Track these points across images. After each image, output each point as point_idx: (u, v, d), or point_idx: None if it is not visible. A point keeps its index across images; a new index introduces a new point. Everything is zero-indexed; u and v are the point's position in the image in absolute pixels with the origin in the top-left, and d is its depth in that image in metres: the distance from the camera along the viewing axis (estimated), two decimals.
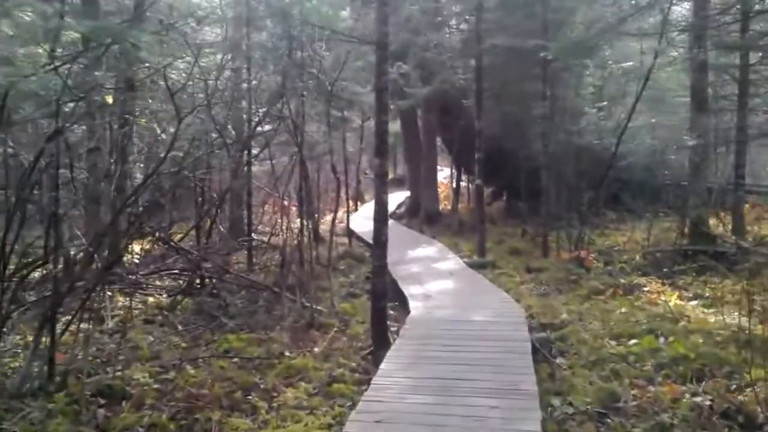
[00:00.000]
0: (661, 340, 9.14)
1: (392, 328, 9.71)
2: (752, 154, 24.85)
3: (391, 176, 41.82)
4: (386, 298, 9.19)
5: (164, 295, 12.24)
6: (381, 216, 8.98)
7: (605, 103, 19.56)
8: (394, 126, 30.36)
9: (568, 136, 17.01)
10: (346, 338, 10.00)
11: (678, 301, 11.50)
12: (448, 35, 19.85)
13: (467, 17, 19.11)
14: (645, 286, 12.79)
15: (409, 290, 11.43)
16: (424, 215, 22.28)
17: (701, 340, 8.80)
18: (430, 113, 21.85)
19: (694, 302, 11.52)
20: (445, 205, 28.24)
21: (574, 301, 11.79)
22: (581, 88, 19.80)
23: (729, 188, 22.90)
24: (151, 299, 12.05)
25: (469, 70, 18.97)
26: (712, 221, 21.61)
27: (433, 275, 13.07)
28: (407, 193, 28.67)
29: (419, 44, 18.54)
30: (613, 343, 9.21)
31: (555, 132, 17.06)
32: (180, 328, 10.38)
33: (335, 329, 10.37)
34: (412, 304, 10.55)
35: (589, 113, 18.41)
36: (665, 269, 13.80)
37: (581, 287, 12.84)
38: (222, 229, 16.50)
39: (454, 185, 27.02)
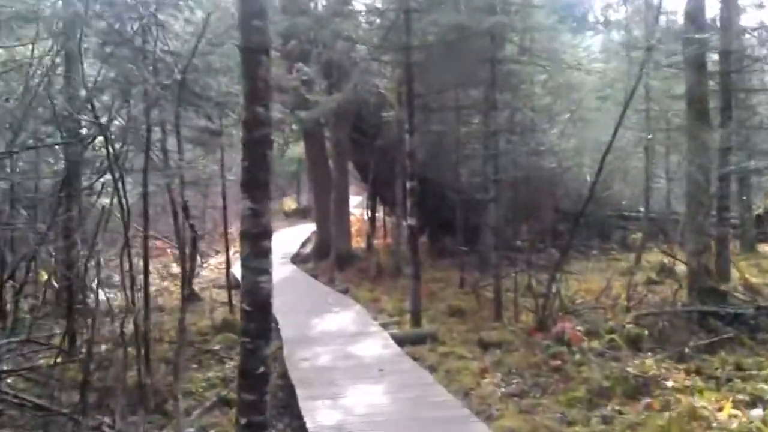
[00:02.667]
0: None
1: None
2: None
3: (294, 206, 37.07)
4: None
5: None
6: (256, 323, 4.54)
7: (568, 115, 15.63)
8: (297, 148, 25.82)
9: (526, 159, 12.92)
10: None
11: (732, 410, 7.43)
12: (363, 25, 15.43)
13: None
14: (664, 378, 8.68)
15: (314, 417, 6.70)
16: (334, 257, 17.71)
17: None
18: (340, 131, 17.43)
19: (759, 411, 7.46)
20: (357, 242, 23.74)
21: (579, 417, 7.48)
22: (534, 98, 15.76)
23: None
24: None
25: (390, 74, 14.74)
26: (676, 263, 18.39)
27: (352, 373, 8.32)
28: (313, 227, 23.91)
29: (324, 39, 14.11)
30: None
31: (507, 154, 12.96)
32: None
33: None
34: None
35: (542, 130, 14.48)
36: (675, 345, 9.82)
37: (573, 381, 8.60)
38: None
39: (368, 216, 22.66)
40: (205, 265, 21.01)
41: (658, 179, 20.41)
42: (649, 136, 18.20)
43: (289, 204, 38.45)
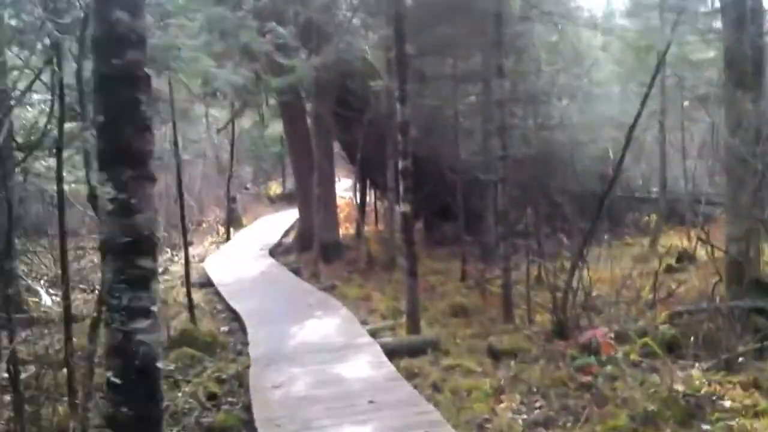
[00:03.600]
0: None
1: None
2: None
3: (279, 191, 35.04)
4: None
5: None
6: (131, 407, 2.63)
7: (580, 83, 13.73)
8: (280, 126, 23.86)
9: (535, 134, 11.08)
10: None
11: None
12: None
13: None
14: (719, 396, 6.95)
15: None
16: (319, 248, 15.84)
17: None
18: (322, 105, 15.50)
19: None
20: (346, 229, 21.88)
21: None
22: (542, 63, 13.79)
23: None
24: None
25: (377, 38, 12.85)
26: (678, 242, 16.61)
27: (334, 408, 6.28)
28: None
29: None
30: None
31: (515, 128, 11.13)
32: None
33: None
34: None
35: (551, 101, 12.62)
36: (719, 349, 8.06)
37: (610, 403, 6.85)
38: None
39: (358, 201, 20.76)
40: (176, 259, 19.08)
41: (673, 156, 18.59)
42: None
43: (275, 188, 36.50)
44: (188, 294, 10.48)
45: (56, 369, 7.15)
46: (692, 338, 8.46)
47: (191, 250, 21.02)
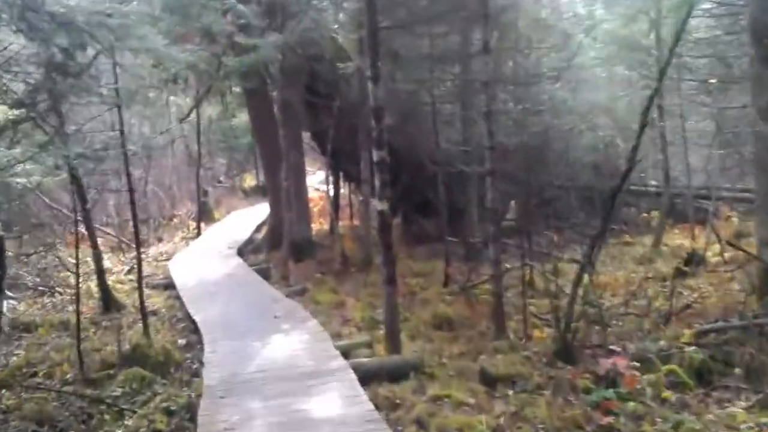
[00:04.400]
0: None
1: None
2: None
3: (253, 183, 33.44)
4: None
5: None
6: None
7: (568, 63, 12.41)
8: (246, 117, 22.36)
9: (523, 120, 9.79)
10: None
11: None
12: None
13: None
14: None
15: None
16: (289, 246, 14.46)
17: None
18: (289, 91, 14.06)
19: None
20: (320, 224, 20.49)
21: None
22: (522, 41, 12.36)
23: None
24: None
25: (349, 11, 11.48)
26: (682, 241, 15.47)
27: None
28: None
29: None
30: None
31: (504, 113, 9.84)
32: None
33: None
34: None
35: (540, 82, 11.33)
36: (757, 376, 6.85)
37: None
38: None
39: (331, 194, 19.38)
40: (143, 256, 17.59)
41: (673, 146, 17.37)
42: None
43: (249, 181, 34.94)
44: (141, 304, 9.05)
45: None
46: (728, 364, 7.25)
47: (160, 246, 19.67)
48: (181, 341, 9.13)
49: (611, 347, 8.09)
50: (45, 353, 8.50)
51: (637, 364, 6.73)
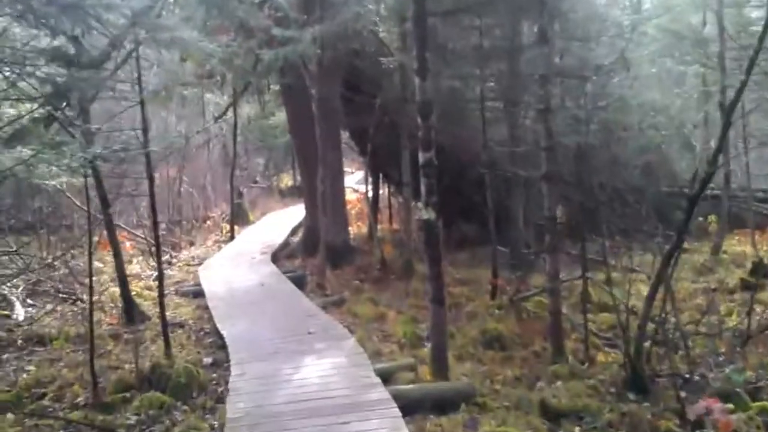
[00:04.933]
0: None
1: None
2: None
3: (290, 184, 32.82)
4: None
5: None
6: None
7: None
8: (281, 115, 21.69)
9: (586, 117, 8.82)
10: None
11: None
12: None
13: None
14: None
15: None
16: (325, 252, 13.72)
17: None
18: (327, 87, 13.30)
19: None
20: (358, 228, 19.71)
21: None
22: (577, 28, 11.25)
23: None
24: None
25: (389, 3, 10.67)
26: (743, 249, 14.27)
27: None
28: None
29: None
30: None
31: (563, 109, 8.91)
32: None
33: None
34: None
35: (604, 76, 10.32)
36: None
37: None
38: None
39: (370, 198, 18.55)
40: (174, 260, 17.03)
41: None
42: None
43: (286, 181, 34.39)
44: (162, 320, 8.31)
45: None
46: None
47: (192, 250, 19.10)
48: (207, 359, 8.39)
49: (687, 375, 7.13)
50: (57, 370, 7.83)
51: (729, 406, 5.72)
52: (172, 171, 22.70)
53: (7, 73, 6.07)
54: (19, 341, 8.86)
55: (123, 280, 9.93)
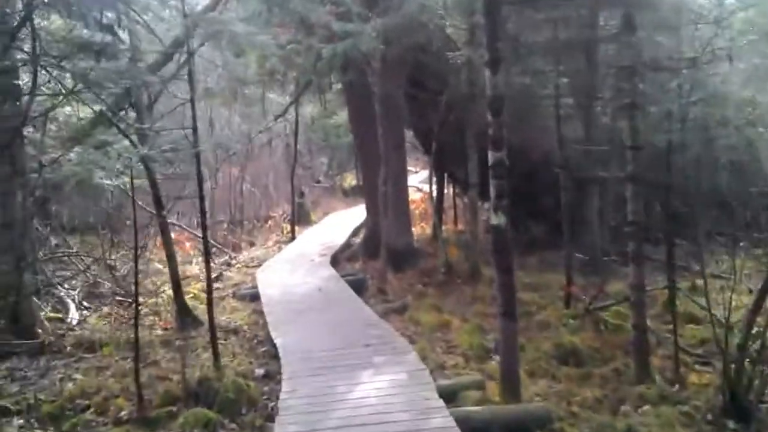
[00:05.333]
0: None
1: None
2: None
3: (354, 184, 32.41)
4: None
5: None
6: None
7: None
8: (344, 114, 21.21)
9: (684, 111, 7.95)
10: None
11: None
12: None
13: None
14: None
15: None
16: (387, 256, 13.16)
17: None
18: (390, 83, 12.74)
19: None
20: (422, 228, 19.08)
21: None
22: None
23: None
24: None
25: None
26: None
27: None
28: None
29: None
30: None
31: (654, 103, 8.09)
32: None
33: None
34: None
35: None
36: None
37: None
38: None
39: (434, 198, 17.89)
40: (234, 261, 16.75)
41: None
42: None
43: (349, 180, 34.03)
44: (211, 329, 7.85)
45: None
46: None
47: (252, 251, 18.84)
48: (259, 371, 7.92)
49: None
50: (104, 380, 7.49)
51: None
52: (235, 170, 22.61)
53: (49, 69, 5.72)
54: (68, 347, 8.57)
55: (176, 283, 9.59)
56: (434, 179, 17.70)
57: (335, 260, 15.16)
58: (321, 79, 16.28)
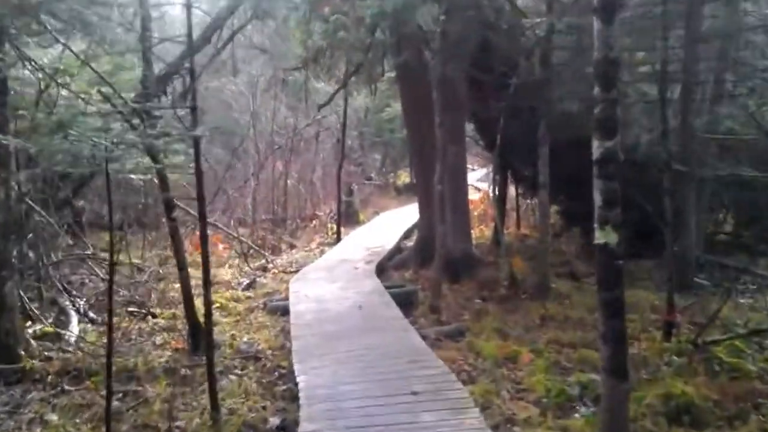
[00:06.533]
0: None
1: None
2: None
3: (408, 181, 30.51)
4: None
5: None
6: None
7: None
8: (398, 107, 19.37)
9: None
10: None
11: None
12: None
13: None
14: None
15: None
16: (442, 266, 11.31)
17: None
18: (451, 67, 10.87)
19: None
20: (481, 232, 17.14)
21: None
22: None
23: None
24: None
25: None
26: None
27: None
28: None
29: None
30: None
31: None
32: None
33: None
34: None
35: None
36: None
37: None
38: None
39: (497, 199, 15.88)
40: (270, 266, 15.10)
41: None
42: None
43: (403, 178, 32.33)
44: (209, 368, 6.12)
45: None
46: None
47: (293, 254, 17.19)
48: (273, 420, 6.15)
49: None
50: (79, 424, 5.85)
51: None
52: (280, 165, 21.09)
53: None
54: (52, 375, 6.99)
55: (188, 299, 7.90)
56: (497, 179, 15.75)
57: (382, 268, 13.38)
58: (372, 66, 14.47)
